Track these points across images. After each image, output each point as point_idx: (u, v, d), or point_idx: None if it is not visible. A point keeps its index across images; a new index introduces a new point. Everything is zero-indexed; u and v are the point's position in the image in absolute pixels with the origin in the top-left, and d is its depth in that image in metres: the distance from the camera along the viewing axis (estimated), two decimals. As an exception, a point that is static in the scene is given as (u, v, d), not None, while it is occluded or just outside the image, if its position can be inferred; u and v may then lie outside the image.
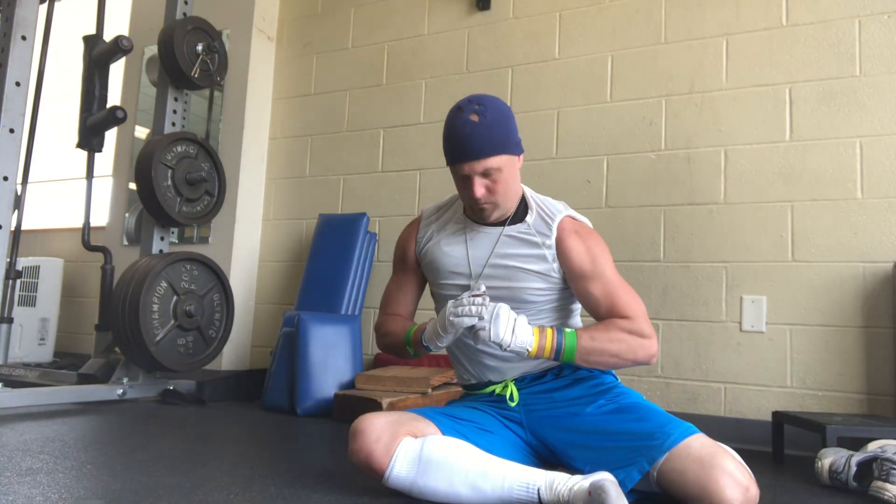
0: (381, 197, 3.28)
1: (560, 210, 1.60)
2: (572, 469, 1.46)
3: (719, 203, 2.58)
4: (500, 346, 1.40)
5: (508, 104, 3.00)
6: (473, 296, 1.43)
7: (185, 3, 3.15)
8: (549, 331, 1.45)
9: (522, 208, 1.61)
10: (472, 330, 1.42)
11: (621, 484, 1.32)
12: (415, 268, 1.71)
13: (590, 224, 1.62)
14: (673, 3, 2.75)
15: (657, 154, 2.71)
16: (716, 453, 1.31)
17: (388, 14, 3.40)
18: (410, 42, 3.32)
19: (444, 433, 1.47)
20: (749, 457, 2.20)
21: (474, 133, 1.45)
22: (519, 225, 1.58)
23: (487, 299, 1.42)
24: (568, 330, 1.46)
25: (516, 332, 1.40)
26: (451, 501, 1.38)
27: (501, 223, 1.59)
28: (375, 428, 1.42)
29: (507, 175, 1.50)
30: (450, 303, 1.45)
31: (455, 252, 1.61)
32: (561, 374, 1.62)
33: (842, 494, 1.68)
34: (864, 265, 2.35)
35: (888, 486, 1.57)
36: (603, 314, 1.53)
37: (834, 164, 2.43)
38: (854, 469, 1.67)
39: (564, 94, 2.92)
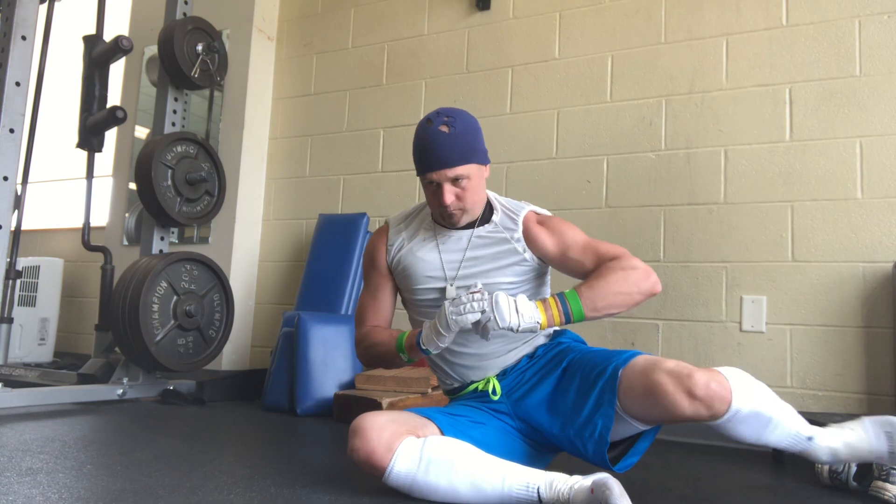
0: (381, 197, 3.28)
1: (523, 207, 1.69)
2: (561, 440, 1.51)
3: (719, 203, 2.58)
4: (511, 330, 1.43)
5: (508, 104, 3.02)
6: (472, 293, 1.45)
7: (185, 3, 3.15)
8: (550, 299, 1.48)
9: (488, 211, 1.69)
10: (479, 324, 1.44)
11: (604, 429, 1.40)
12: (387, 275, 1.74)
13: (550, 214, 1.71)
14: (673, 3, 2.75)
15: (657, 154, 2.71)
16: (656, 361, 1.40)
17: (388, 14, 3.40)
18: (410, 42, 3.32)
19: (441, 429, 1.49)
20: (749, 457, 2.21)
21: (444, 143, 1.53)
22: (487, 226, 1.66)
23: (486, 294, 1.45)
24: (566, 290, 1.50)
25: (521, 311, 1.43)
26: (451, 501, 1.39)
27: (471, 226, 1.66)
28: (376, 426, 1.43)
29: (474, 183, 1.58)
30: (446, 303, 1.47)
31: (428, 257, 1.66)
32: (535, 355, 1.66)
33: (842, 494, 1.68)
34: (864, 265, 2.35)
35: (888, 486, 1.57)
36: (591, 269, 1.57)
37: (834, 164, 2.43)
38: (854, 469, 1.67)
39: (564, 94, 2.92)
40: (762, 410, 1.37)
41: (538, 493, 1.33)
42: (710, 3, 2.68)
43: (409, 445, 1.41)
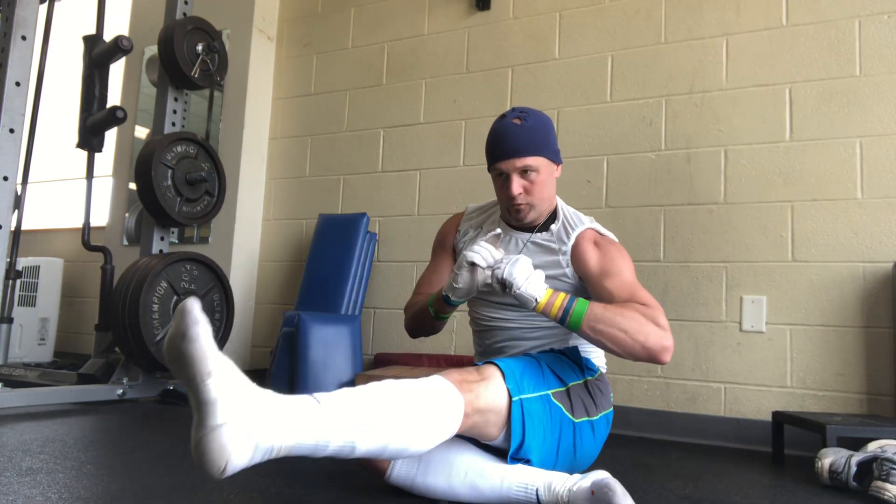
0: (381, 197, 3.28)
1: (584, 223, 1.65)
2: None
3: (719, 203, 2.58)
4: (508, 285, 1.39)
5: (508, 104, 3.02)
6: (493, 234, 1.51)
7: (185, 3, 3.15)
8: (562, 294, 1.44)
9: (551, 219, 1.67)
10: (476, 267, 1.47)
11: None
12: (450, 255, 1.80)
13: (615, 239, 1.65)
14: (673, 3, 2.75)
15: (657, 154, 2.71)
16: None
17: (388, 14, 3.40)
18: (410, 42, 3.32)
19: None
20: (749, 457, 2.21)
21: (515, 134, 1.55)
22: (544, 233, 1.65)
23: (500, 232, 1.51)
24: (583, 298, 1.45)
25: (530, 279, 1.40)
26: (451, 499, 1.40)
27: (530, 230, 1.66)
28: None
29: (543, 177, 1.58)
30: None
31: None
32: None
33: (842, 494, 1.68)
34: (864, 265, 2.35)
35: (888, 486, 1.57)
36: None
37: (834, 164, 2.43)
38: (854, 469, 1.67)
39: (564, 94, 2.92)
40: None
41: (537, 494, 1.33)
42: (710, 3, 2.68)
43: None
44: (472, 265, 1.47)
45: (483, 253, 1.46)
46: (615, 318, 1.39)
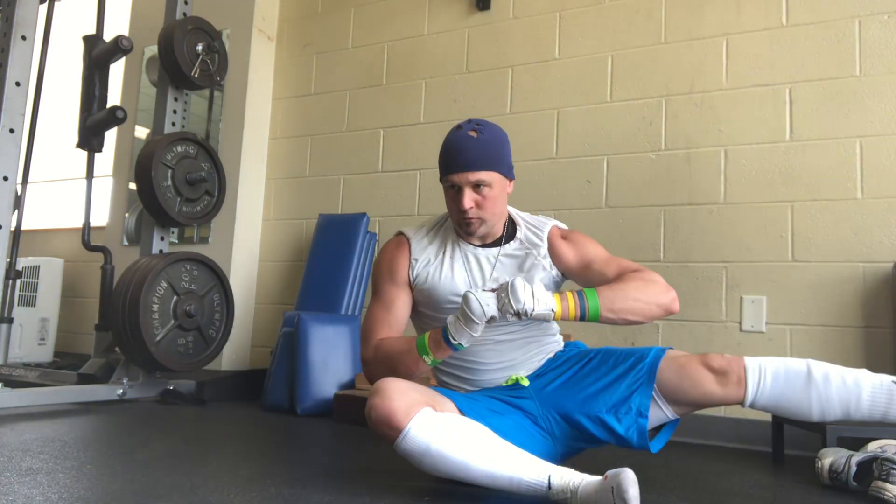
0: (381, 197, 3.28)
1: (546, 222, 1.71)
2: (586, 421, 1.52)
3: (719, 203, 2.58)
4: (525, 314, 1.38)
5: (508, 104, 3.02)
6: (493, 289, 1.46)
7: (185, 3, 3.15)
8: (568, 293, 1.46)
9: (511, 228, 1.69)
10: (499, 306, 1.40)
11: (642, 406, 1.47)
12: (406, 289, 1.66)
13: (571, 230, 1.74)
14: (673, 3, 2.75)
15: (657, 154, 2.71)
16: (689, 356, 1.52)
17: (388, 14, 3.40)
18: (410, 42, 3.32)
19: (460, 409, 1.48)
20: (749, 457, 2.21)
21: (470, 146, 1.54)
22: (512, 243, 1.67)
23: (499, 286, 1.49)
24: (585, 289, 1.49)
25: (537, 296, 1.40)
26: (461, 474, 1.38)
27: (497, 244, 1.66)
28: (399, 388, 1.41)
29: (496, 193, 1.57)
30: (471, 294, 1.42)
31: (457, 276, 1.62)
32: (556, 357, 1.68)
33: (842, 494, 1.68)
34: (864, 265, 2.35)
35: (888, 486, 1.57)
36: (612, 280, 1.56)
37: (834, 164, 2.43)
38: (854, 469, 1.67)
39: (564, 94, 2.92)
40: (791, 365, 1.45)
41: (549, 480, 1.33)
42: (710, 3, 2.68)
43: (427, 413, 1.39)
44: (492, 318, 1.41)
45: (490, 302, 1.40)
46: (624, 292, 1.48)
